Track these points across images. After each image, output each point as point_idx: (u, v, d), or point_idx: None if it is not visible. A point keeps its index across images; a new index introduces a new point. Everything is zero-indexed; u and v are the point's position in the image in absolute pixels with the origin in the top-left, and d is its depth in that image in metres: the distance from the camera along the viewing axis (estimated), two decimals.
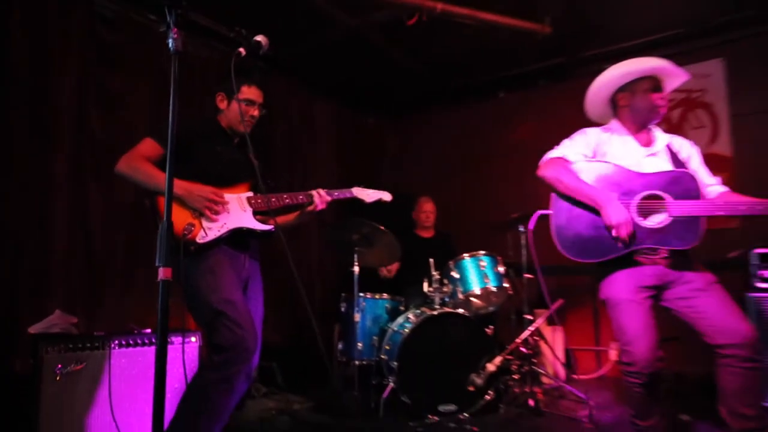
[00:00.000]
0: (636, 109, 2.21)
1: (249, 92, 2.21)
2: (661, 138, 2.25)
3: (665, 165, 2.15)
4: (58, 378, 2.34)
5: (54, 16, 3.15)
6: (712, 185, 2.22)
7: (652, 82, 2.18)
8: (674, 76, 2.22)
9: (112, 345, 2.51)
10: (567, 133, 2.73)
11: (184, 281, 1.98)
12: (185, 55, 3.78)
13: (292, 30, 4.01)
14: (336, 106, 5.39)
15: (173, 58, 1.19)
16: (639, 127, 2.24)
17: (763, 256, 3.23)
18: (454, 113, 5.47)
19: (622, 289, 2.12)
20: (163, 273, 1.18)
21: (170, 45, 1.20)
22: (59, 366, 2.35)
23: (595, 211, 2.13)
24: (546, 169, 2.27)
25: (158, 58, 3.55)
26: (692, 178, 2.08)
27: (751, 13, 3.77)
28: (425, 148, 5.67)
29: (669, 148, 2.23)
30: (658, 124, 2.31)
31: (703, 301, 2.02)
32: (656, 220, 2.04)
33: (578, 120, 2.58)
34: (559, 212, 2.24)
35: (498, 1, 3.61)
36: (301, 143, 4.96)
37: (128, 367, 2.52)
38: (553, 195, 2.28)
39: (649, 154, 2.19)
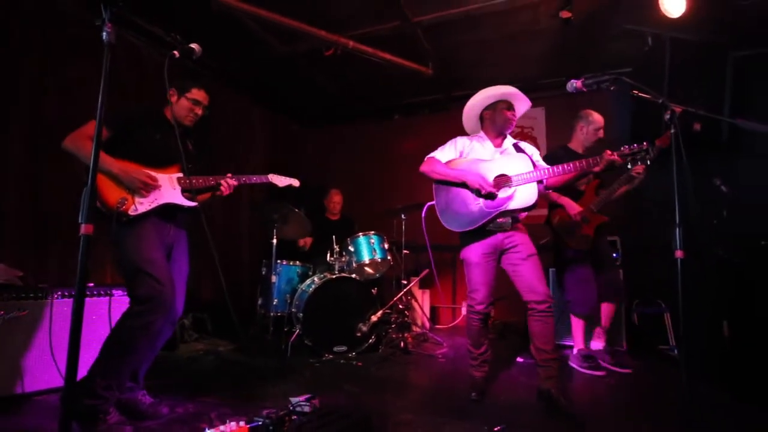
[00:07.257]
0: (495, 121, 2.36)
1: (198, 94, 2.09)
2: (509, 141, 2.41)
3: (512, 157, 2.29)
4: (0, 322, 2.10)
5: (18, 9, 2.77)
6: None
7: (506, 103, 2.35)
8: (521, 100, 2.39)
9: (55, 295, 2.31)
10: None
11: (115, 244, 1.84)
12: (142, 58, 3.52)
13: (236, 49, 3.85)
14: (271, 113, 5.20)
15: (106, 49, 1.10)
16: (497, 134, 2.38)
17: None
18: (359, 127, 5.50)
19: (474, 253, 2.28)
20: (84, 229, 1.07)
21: (104, 37, 1.11)
22: (2, 312, 2.12)
23: (463, 191, 2.27)
24: (424, 165, 2.39)
25: (114, 57, 3.22)
26: (527, 160, 2.22)
27: (563, 79, 4.18)
28: (336, 152, 5.64)
29: (516, 146, 2.38)
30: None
31: (522, 268, 2.20)
32: (507, 192, 2.18)
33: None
34: (439, 198, 2.37)
35: (395, 46, 3.69)
36: (240, 141, 4.75)
37: (69, 316, 2.29)
38: (434, 186, 2.39)
39: (501, 152, 2.35)
